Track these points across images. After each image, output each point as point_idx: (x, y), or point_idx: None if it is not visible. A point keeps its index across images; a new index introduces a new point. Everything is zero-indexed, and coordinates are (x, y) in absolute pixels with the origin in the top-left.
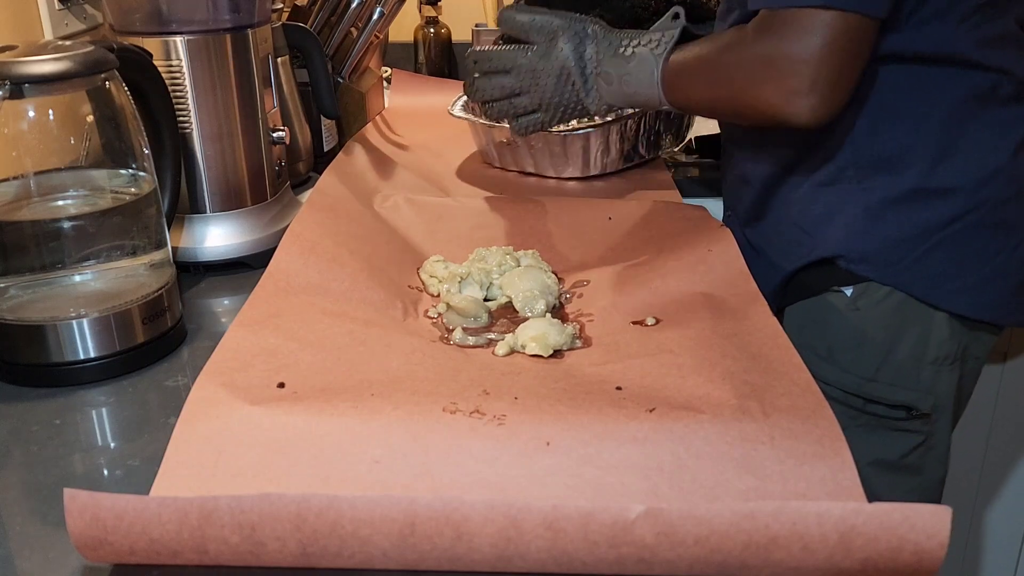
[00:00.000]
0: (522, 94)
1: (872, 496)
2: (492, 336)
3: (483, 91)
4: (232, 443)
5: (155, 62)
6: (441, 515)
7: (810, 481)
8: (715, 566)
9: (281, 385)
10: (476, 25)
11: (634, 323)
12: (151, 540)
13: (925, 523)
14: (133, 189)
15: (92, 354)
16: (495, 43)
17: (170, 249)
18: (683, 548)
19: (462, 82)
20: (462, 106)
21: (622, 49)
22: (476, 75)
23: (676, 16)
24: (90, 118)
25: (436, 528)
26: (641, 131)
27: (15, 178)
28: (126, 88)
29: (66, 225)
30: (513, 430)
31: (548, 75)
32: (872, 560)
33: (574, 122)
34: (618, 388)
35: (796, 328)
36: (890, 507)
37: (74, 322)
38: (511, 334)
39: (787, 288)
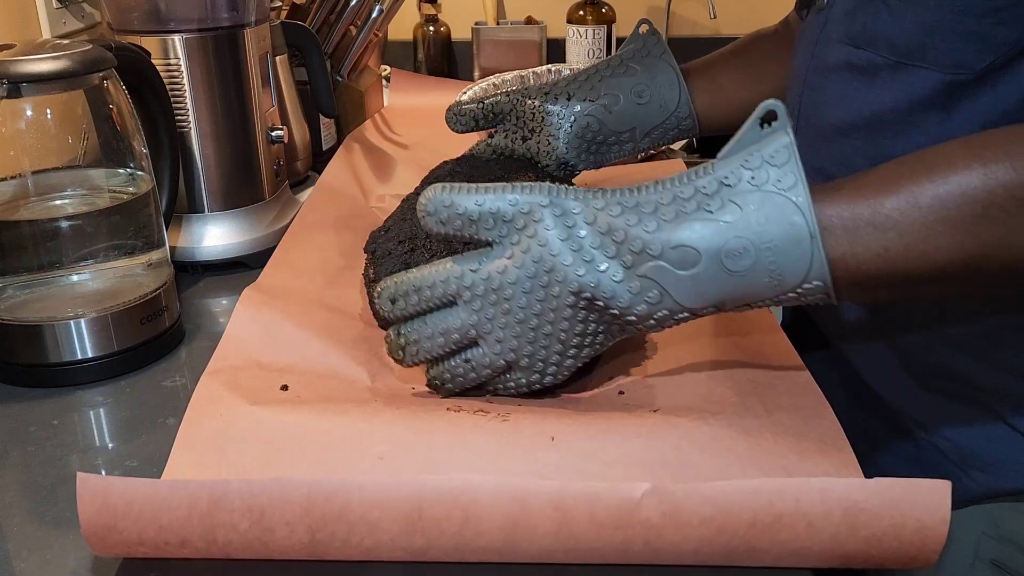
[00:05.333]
0: (480, 340)
1: None
2: None
3: (415, 348)
4: (236, 441)
5: (153, 61)
6: (449, 497)
7: (814, 476)
8: (722, 547)
9: (284, 387)
10: (476, 23)
11: None
12: (160, 527)
13: (926, 498)
14: (131, 188)
15: (90, 354)
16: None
17: (168, 249)
18: (689, 528)
19: (462, 82)
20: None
21: (690, 207)
22: (396, 321)
23: (648, 32)
24: (88, 117)
25: (444, 511)
26: None
27: (12, 177)
28: (124, 87)
29: (64, 225)
30: (517, 426)
31: (527, 292)
32: (876, 537)
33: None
34: (620, 392)
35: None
36: (891, 482)
37: (72, 322)
38: None
39: None
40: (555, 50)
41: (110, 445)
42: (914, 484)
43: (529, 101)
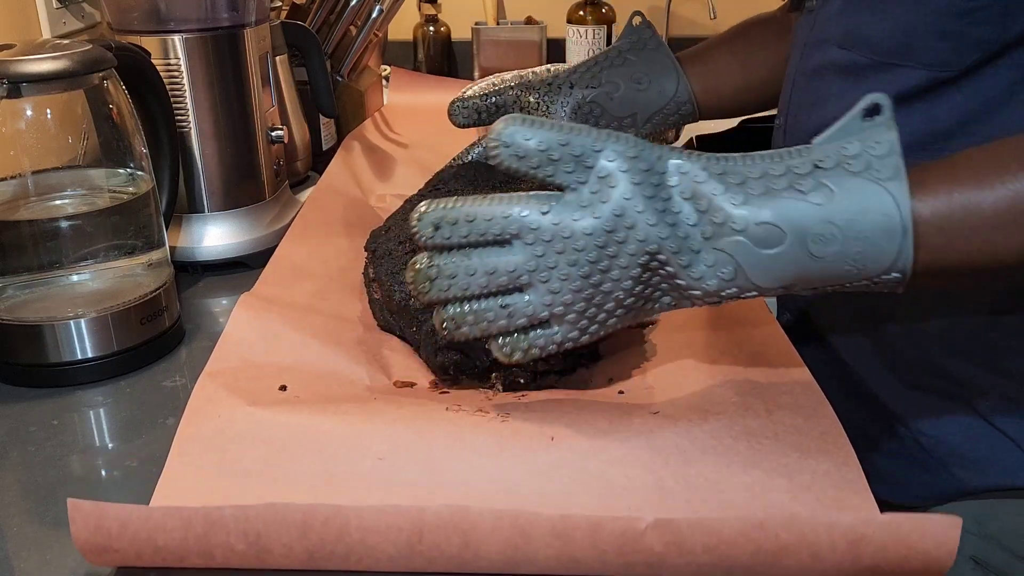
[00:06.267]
0: (528, 288)
1: None
2: None
3: (447, 283)
4: (235, 441)
5: (153, 61)
6: (449, 524)
7: (815, 474)
8: (723, 571)
9: (283, 388)
10: (476, 23)
11: (632, 327)
12: (156, 547)
13: (936, 532)
14: (131, 188)
15: (90, 354)
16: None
17: (168, 249)
18: (692, 556)
19: (461, 81)
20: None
21: (780, 179)
22: (429, 252)
23: (641, 24)
24: (88, 117)
25: (444, 536)
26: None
27: (12, 177)
28: (124, 87)
29: (64, 225)
30: (517, 426)
31: (600, 246)
32: (880, 568)
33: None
34: (620, 392)
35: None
36: (902, 517)
37: (71, 322)
38: None
39: None
40: (555, 50)
41: (110, 445)
42: (925, 519)
43: (532, 95)
